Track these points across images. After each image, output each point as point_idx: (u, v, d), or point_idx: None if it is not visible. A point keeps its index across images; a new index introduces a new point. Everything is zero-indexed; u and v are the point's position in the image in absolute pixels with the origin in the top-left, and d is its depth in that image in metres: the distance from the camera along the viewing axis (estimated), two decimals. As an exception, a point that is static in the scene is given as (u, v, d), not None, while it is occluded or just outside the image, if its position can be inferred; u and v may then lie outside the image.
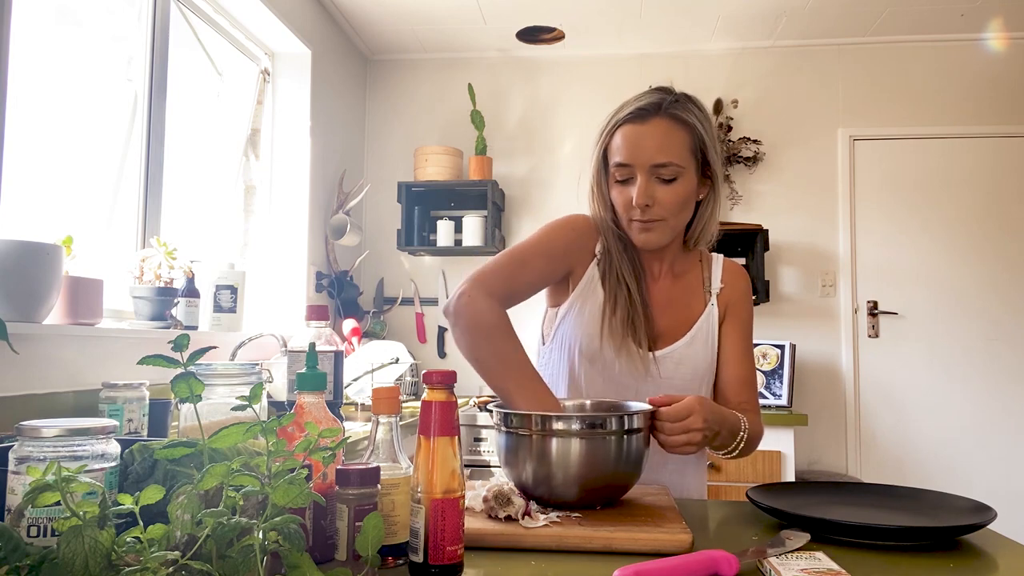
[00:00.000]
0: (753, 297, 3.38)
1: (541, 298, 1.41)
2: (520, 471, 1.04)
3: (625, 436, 1.03)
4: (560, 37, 3.72)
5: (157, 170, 2.47)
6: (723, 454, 1.26)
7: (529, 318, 1.64)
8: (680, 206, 1.26)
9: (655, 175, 1.23)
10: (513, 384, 1.17)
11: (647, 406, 1.12)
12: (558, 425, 1.01)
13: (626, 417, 1.04)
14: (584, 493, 1.02)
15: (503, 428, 1.06)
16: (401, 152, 3.93)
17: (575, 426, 1.01)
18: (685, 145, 1.24)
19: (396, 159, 3.94)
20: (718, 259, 1.40)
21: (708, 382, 1.34)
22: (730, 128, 3.75)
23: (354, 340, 3.21)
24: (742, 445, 1.23)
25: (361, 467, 0.77)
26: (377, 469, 0.78)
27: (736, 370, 1.34)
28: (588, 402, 1.25)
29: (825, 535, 0.94)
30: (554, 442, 1.01)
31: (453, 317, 1.23)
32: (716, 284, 1.37)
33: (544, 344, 1.39)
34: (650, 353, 1.29)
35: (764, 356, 3.40)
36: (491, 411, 1.10)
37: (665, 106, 1.24)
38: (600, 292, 1.30)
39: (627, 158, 1.24)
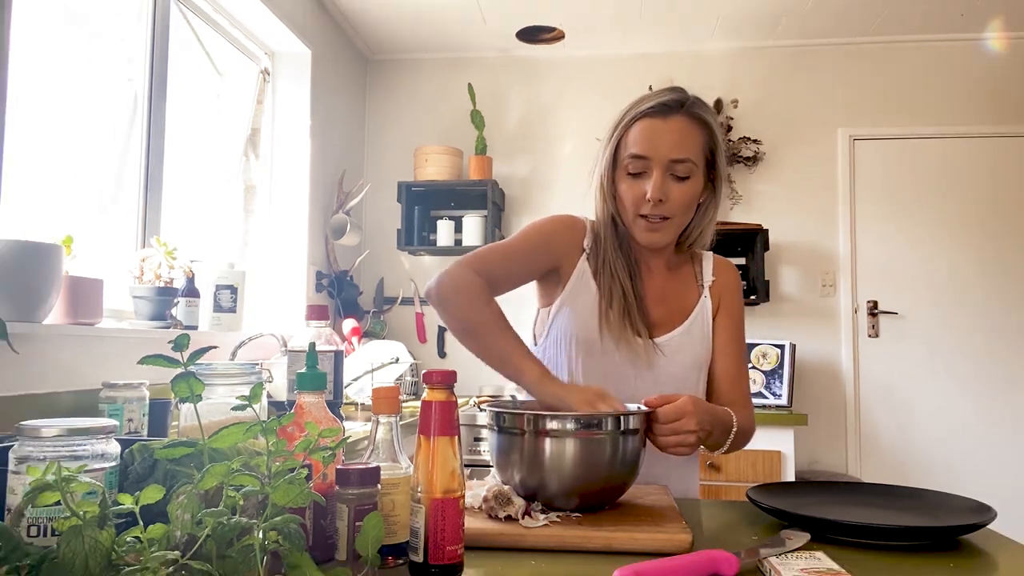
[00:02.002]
0: (752, 297, 3.45)
1: (532, 300, 1.42)
2: (511, 472, 1.03)
3: (622, 437, 1.02)
4: (560, 37, 3.72)
5: (157, 170, 2.47)
6: (715, 452, 1.27)
7: (520, 322, 1.62)
8: (688, 205, 1.29)
9: (670, 171, 1.25)
10: (512, 349, 1.20)
11: (643, 407, 1.12)
12: (552, 425, 1.01)
13: (623, 418, 1.03)
14: (579, 495, 1.01)
15: (495, 427, 1.05)
16: (401, 152, 3.93)
17: (570, 426, 1.01)
18: (700, 145, 1.27)
19: (396, 159, 3.94)
20: (708, 255, 1.43)
21: (704, 372, 1.36)
22: (730, 128, 3.75)
23: (354, 340, 3.21)
24: (731, 439, 1.25)
25: (361, 467, 0.77)
26: (377, 469, 0.78)
27: (728, 364, 1.36)
28: None
29: (825, 535, 0.94)
30: (548, 442, 1.00)
31: (436, 292, 1.25)
32: (708, 277, 1.40)
33: (536, 344, 1.39)
34: (651, 340, 1.30)
35: (764, 356, 3.39)
36: (484, 410, 1.10)
37: (687, 104, 1.27)
38: (593, 287, 1.32)
39: (645, 151, 1.25)
